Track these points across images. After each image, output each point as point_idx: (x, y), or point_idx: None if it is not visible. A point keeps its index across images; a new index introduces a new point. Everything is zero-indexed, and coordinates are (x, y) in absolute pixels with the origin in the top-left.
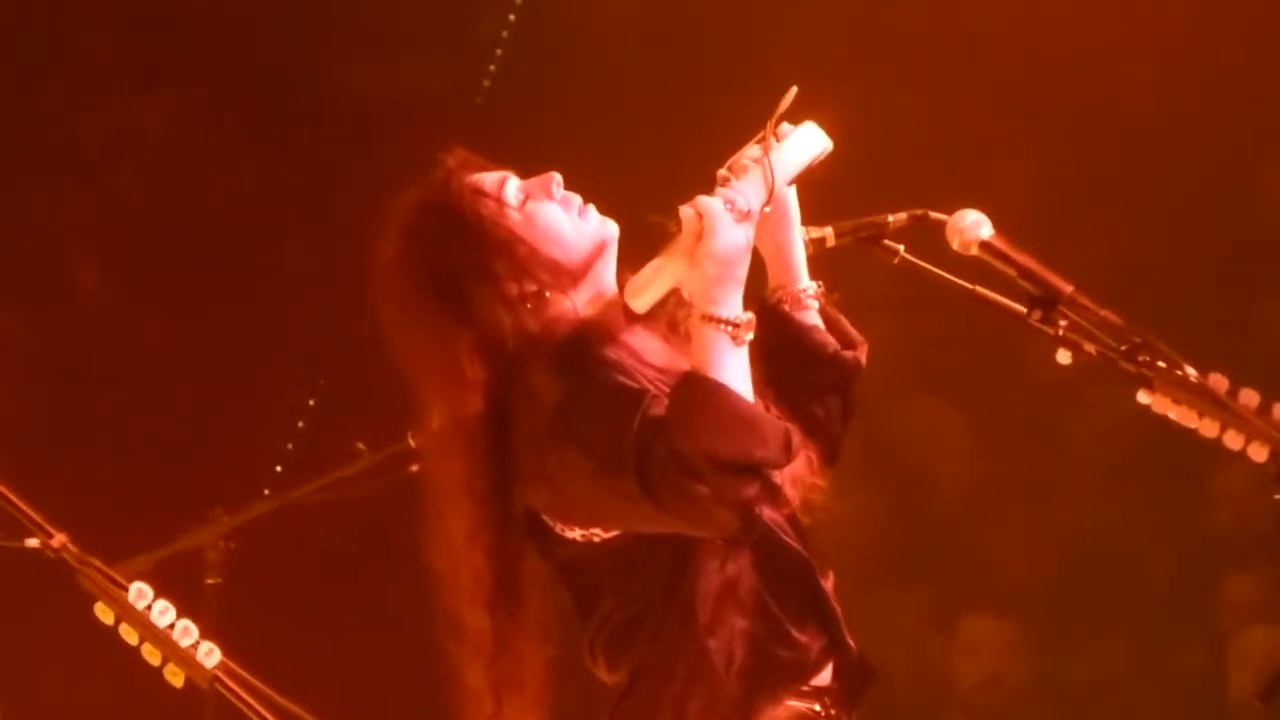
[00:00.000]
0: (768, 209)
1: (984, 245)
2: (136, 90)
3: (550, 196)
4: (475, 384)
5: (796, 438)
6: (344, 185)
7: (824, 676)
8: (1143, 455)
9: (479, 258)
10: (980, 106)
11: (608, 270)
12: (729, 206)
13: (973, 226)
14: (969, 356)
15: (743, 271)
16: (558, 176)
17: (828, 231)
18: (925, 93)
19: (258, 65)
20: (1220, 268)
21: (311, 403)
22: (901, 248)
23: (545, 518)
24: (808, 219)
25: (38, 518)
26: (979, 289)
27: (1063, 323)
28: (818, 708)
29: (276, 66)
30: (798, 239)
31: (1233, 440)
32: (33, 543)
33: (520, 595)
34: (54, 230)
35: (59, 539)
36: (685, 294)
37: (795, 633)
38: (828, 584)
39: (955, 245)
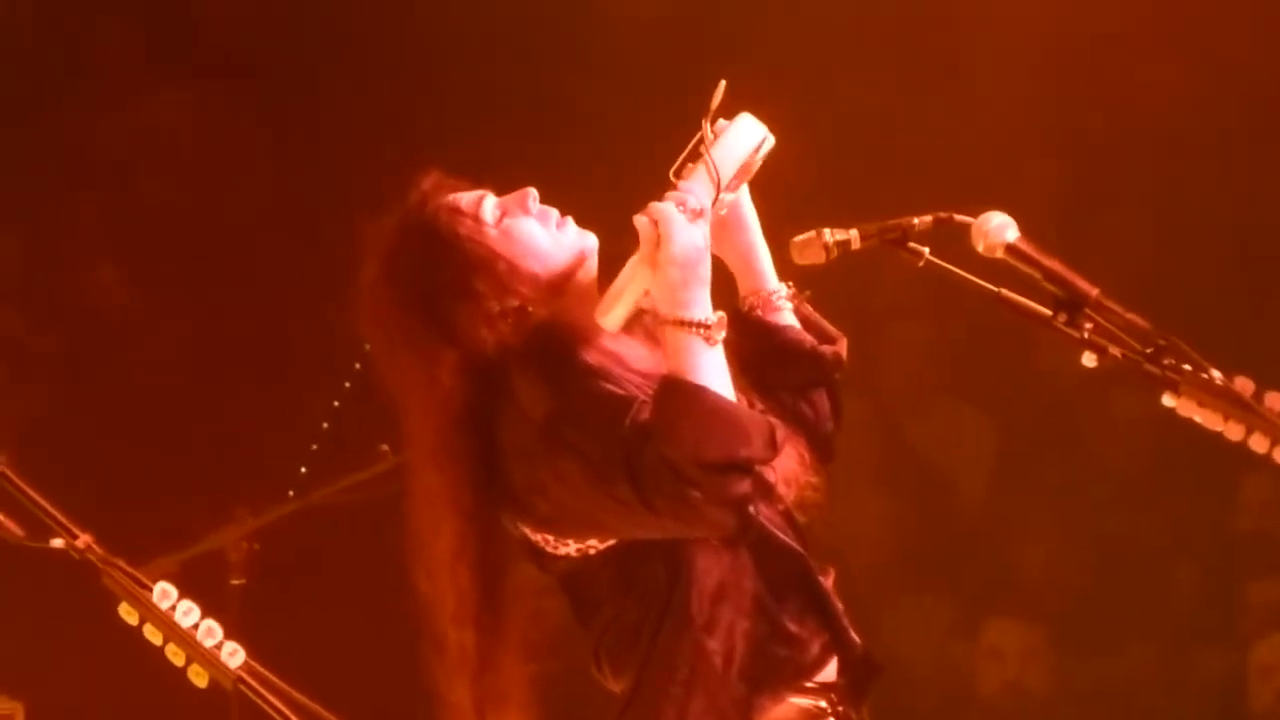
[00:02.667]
0: (723, 210)
1: (1009, 248)
2: (157, 90)
3: (527, 211)
4: (458, 401)
5: (781, 432)
6: (367, 185)
7: (828, 673)
8: (1167, 461)
9: (458, 277)
10: (1005, 109)
11: (589, 281)
12: (681, 207)
13: (998, 229)
14: (993, 361)
15: (705, 270)
16: (534, 191)
17: (853, 234)
18: (949, 95)
19: (278, 64)
20: (1244, 273)
21: (336, 404)
22: (927, 250)
23: (537, 537)
24: (833, 221)
25: (63, 518)
26: (1004, 292)
27: (1088, 325)
28: (824, 704)
29: (296, 65)
30: (759, 242)
31: (1259, 443)
32: (58, 543)
33: (504, 611)
34: (77, 231)
35: (84, 539)
36: (652, 302)
37: (794, 630)
38: (828, 580)
39: (980, 248)
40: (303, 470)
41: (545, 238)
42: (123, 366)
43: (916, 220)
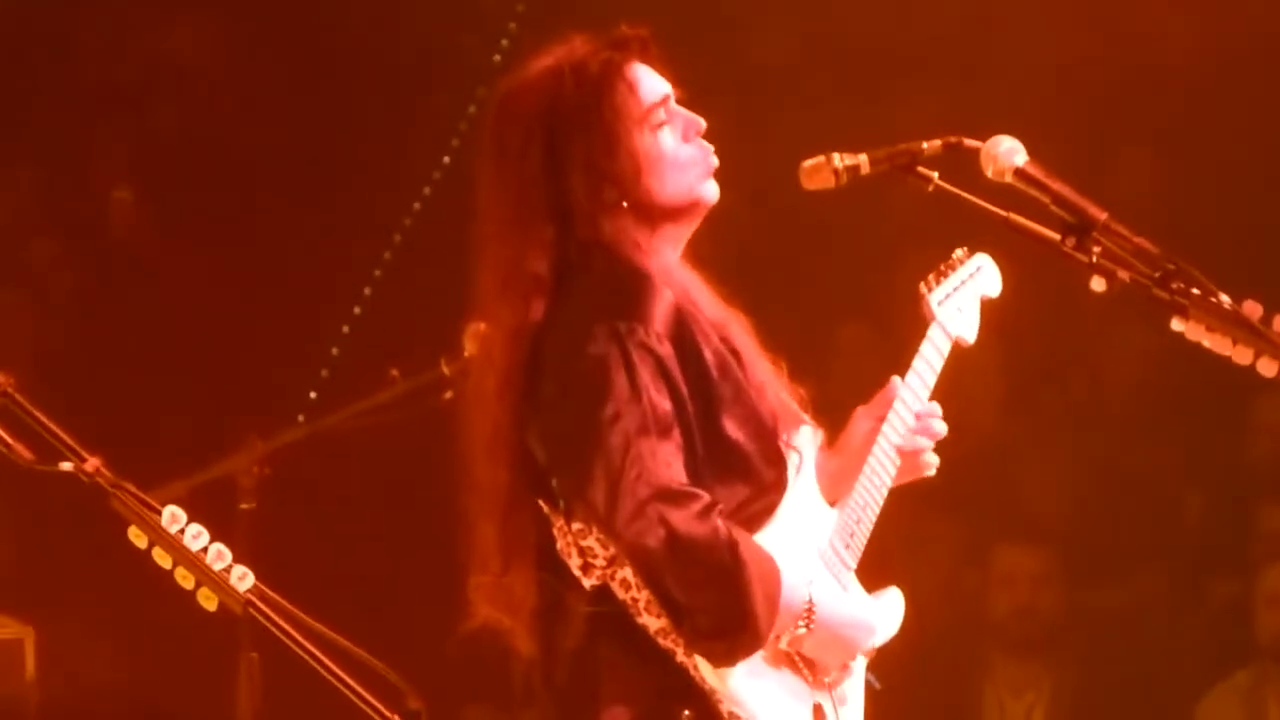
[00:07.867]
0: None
1: (1018, 172)
2: (173, 19)
3: (687, 138)
4: (538, 283)
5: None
6: (379, 113)
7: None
8: (1177, 387)
9: (597, 146)
10: (1019, 36)
11: (683, 232)
12: None
13: (1007, 153)
14: (1002, 285)
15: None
16: (702, 123)
17: (862, 159)
18: (962, 23)
19: None
20: (1255, 205)
21: (346, 330)
22: (936, 175)
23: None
24: (842, 148)
25: (72, 442)
26: (1013, 216)
27: (1097, 250)
28: None
29: None
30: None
31: (1266, 367)
32: (67, 466)
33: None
34: (91, 159)
35: (93, 463)
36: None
37: None
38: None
39: (989, 172)
40: (313, 395)
41: (682, 173)
42: (136, 292)
43: (925, 145)
